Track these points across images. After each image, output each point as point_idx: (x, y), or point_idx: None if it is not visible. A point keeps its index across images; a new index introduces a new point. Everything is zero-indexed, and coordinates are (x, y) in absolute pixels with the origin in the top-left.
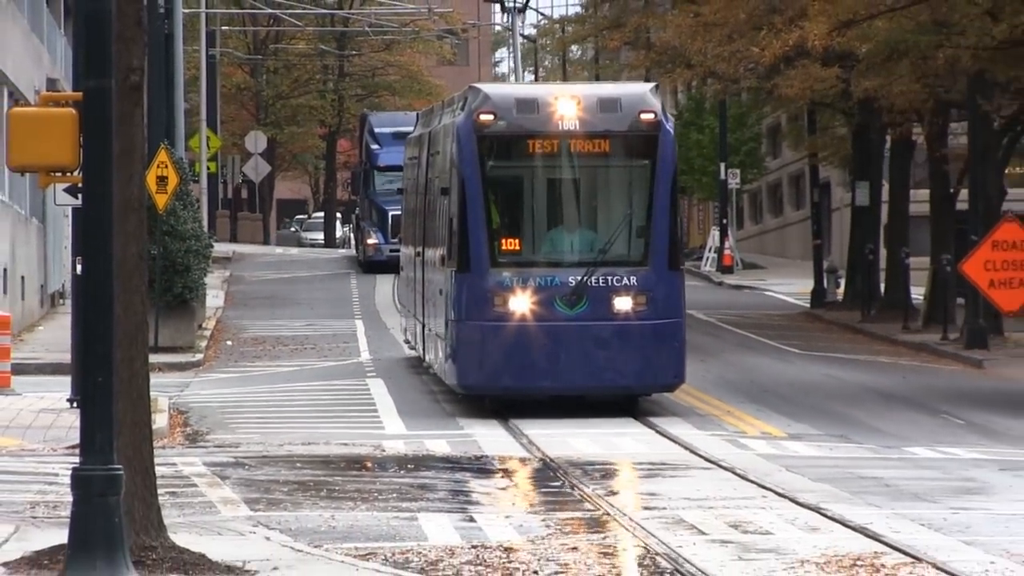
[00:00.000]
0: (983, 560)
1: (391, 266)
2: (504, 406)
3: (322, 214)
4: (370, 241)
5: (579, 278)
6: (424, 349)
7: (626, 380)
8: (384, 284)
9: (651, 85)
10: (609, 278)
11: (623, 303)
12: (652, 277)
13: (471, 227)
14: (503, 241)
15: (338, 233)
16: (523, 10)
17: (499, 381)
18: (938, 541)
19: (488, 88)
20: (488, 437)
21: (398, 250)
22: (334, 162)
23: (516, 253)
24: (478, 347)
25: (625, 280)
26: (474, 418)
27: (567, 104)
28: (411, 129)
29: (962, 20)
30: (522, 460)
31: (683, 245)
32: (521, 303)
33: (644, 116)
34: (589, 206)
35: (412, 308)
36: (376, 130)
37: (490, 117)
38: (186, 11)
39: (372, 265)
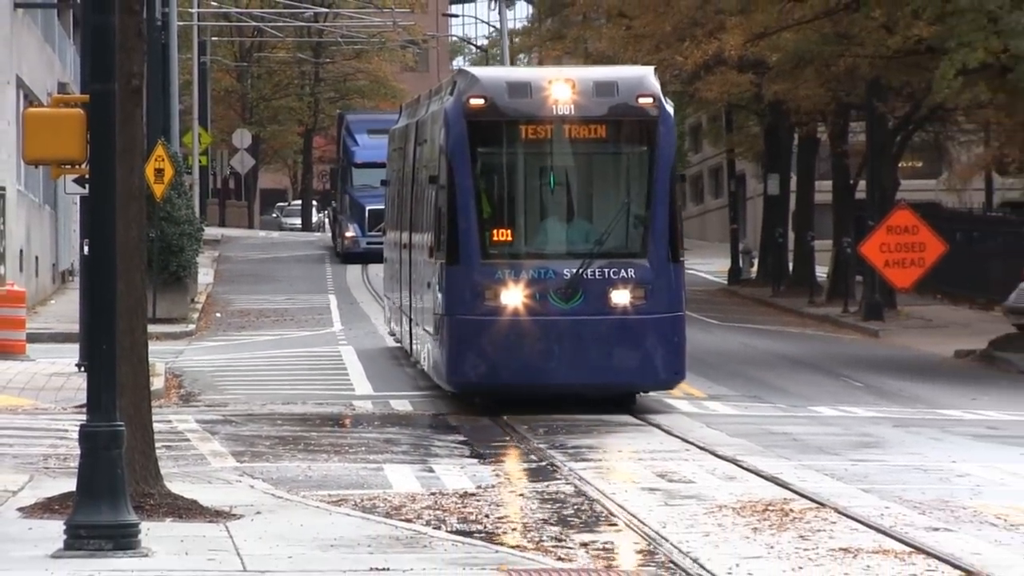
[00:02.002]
0: (879, 505)
1: (368, 257)
2: (495, 405)
3: (300, 202)
4: (348, 234)
5: (574, 270)
6: (411, 345)
7: (624, 377)
8: (354, 266)
9: (650, 68)
10: (606, 270)
11: (620, 296)
12: (651, 269)
13: (461, 217)
14: (494, 232)
15: (314, 219)
16: (511, 1)
17: (490, 379)
18: (840, 489)
19: (479, 72)
20: (445, 399)
21: (375, 243)
22: (310, 156)
23: (508, 244)
24: (468, 343)
25: (622, 272)
26: (432, 382)
27: (561, 88)
28: (386, 128)
29: (861, 32)
30: (475, 418)
31: (682, 235)
32: (513, 297)
33: (642, 100)
34: (585, 195)
35: (398, 303)
36: (353, 128)
37: (480, 102)
38: (181, 23)
39: (349, 257)
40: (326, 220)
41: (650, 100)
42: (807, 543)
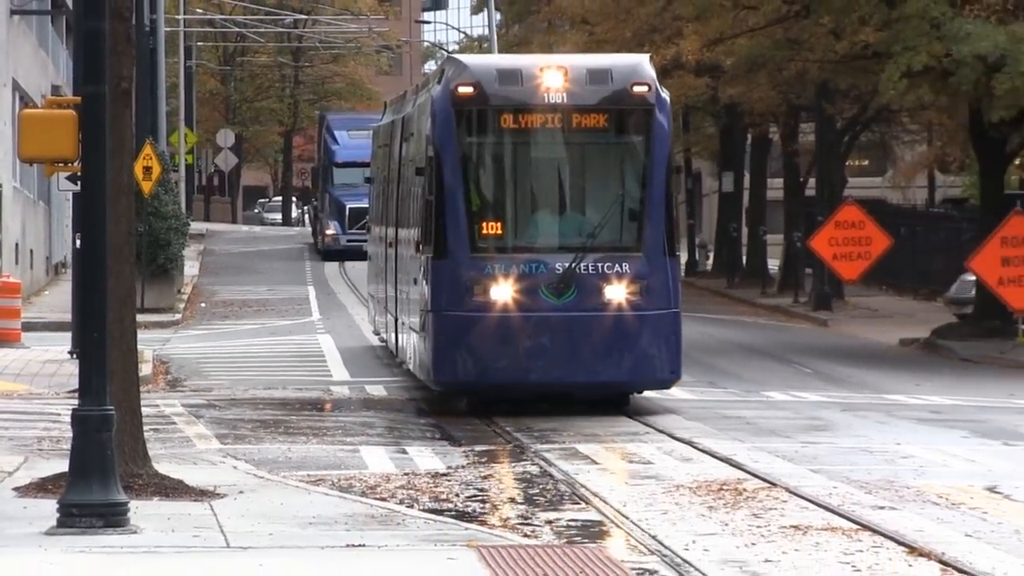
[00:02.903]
0: (827, 485)
1: (348, 255)
2: (484, 405)
3: (280, 198)
4: (329, 232)
5: (567, 265)
6: (396, 343)
7: (618, 376)
8: (332, 260)
9: (645, 56)
10: (599, 265)
11: (615, 292)
12: (646, 264)
13: (449, 209)
14: (484, 225)
15: (293, 214)
16: (481, 8)
17: (479, 377)
18: (790, 469)
19: (468, 59)
20: (420, 386)
21: (354, 240)
22: (290, 155)
23: (498, 237)
24: (456, 340)
25: (617, 267)
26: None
27: (553, 75)
28: (366, 128)
29: (811, 38)
30: (447, 402)
31: (678, 230)
32: (503, 292)
33: (637, 88)
34: (577, 186)
35: (383, 300)
36: (334, 129)
37: (469, 90)
38: (168, 29)
39: (330, 254)
40: (305, 216)
41: (645, 88)
42: (760, 520)
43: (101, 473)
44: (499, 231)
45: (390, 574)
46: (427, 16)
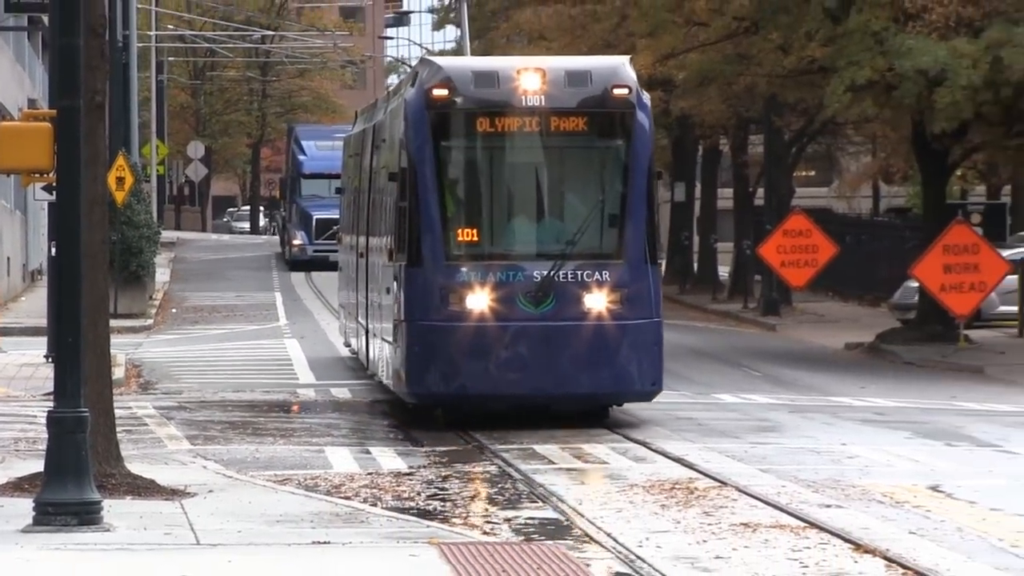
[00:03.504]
0: (776, 484)
1: (315, 264)
2: (460, 418)
3: (248, 208)
4: (296, 242)
5: (545, 273)
6: (367, 355)
7: (598, 387)
8: (299, 270)
9: (625, 58)
10: (579, 273)
11: (595, 301)
12: (627, 272)
13: (423, 216)
14: (459, 231)
15: (261, 223)
16: (441, 25)
17: (454, 389)
18: (740, 469)
19: (442, 60)
20: (383, 388)
21: (321, 250)
22: (258, 166)
23: (474, 244)
24: (431, 350)
25: (597, 275)
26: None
27: (531, 78)
28: (333, 140)
29: (759, 54)
30: (410, 404)
31: (659, 237)
32: (479, 300)
33: (617, 91)
34: (556, 191)
35: (353, 311)
36: (302, 140)
37: (444, 92)
38: (140, 45)
39: (297, 264)
40: (272, 227)
41: (626, 91)
42: (711, 518)
43: (76, 473)
44: (475, 238)
45: (354, 570)
46: (390, 32)
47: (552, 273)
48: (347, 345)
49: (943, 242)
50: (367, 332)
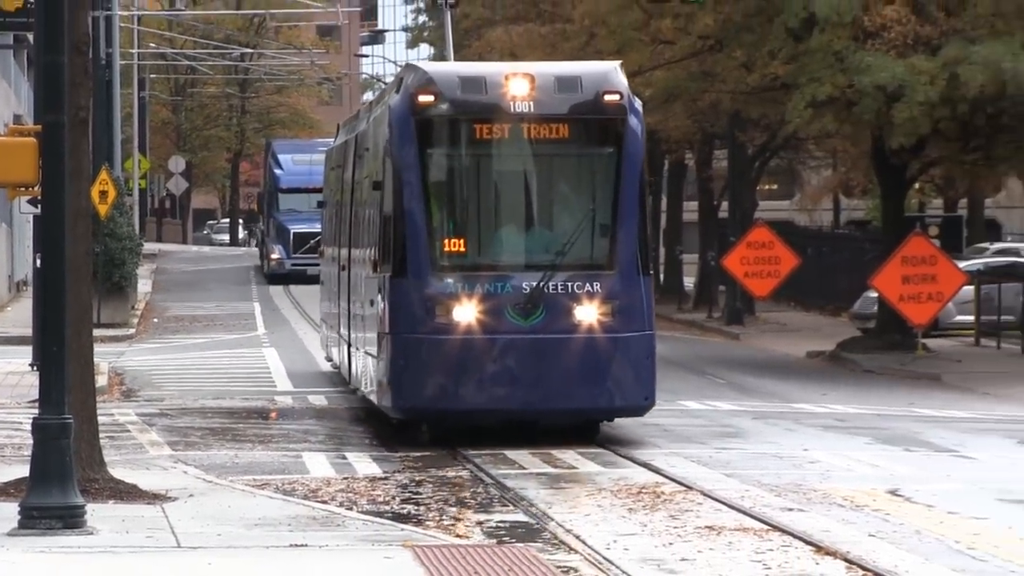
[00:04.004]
0: (739, 488)
1: (292, 278)
2: (446, 434)
3: (228, 220)
4: (274, 256)
5: (534, 284)
6: (350, 369)
7: (589, 402)
8: (277, 283)
9: (616, 63)
10: (569, 284)
11: (585, 313)
12: (619, 283)
13: (409, 225)
14: (446, 241)
15: (240, 235)
16: (455, 6)
17: (441, 404)
18: (705, 474)
19: (428, 66)
20: (356, 395)
21: (299, 264)
22: (237, 180)
23: (461, 255)
24: (416, 364)
25: (588, 286)
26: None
27: (519, 83)
28: (310, 155)
29: (723, 71)
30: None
31: (652, 247)
32: (467, 313)
33: (608, 97)
34: (546, 200)
35: (335, 324)
36: (279, 155)
37: (430, 98)
38: (123, 62)
39: (275, 277)
40: (251, 239)
41: (617, 97)
42: (677, 521)
43: (60, 478)
44: (462, 248)
45: (330, 572)
46: (365, 50)
47: (542, 284)
48: (328, 359)
49: (901, 254)
50: (349, 345)
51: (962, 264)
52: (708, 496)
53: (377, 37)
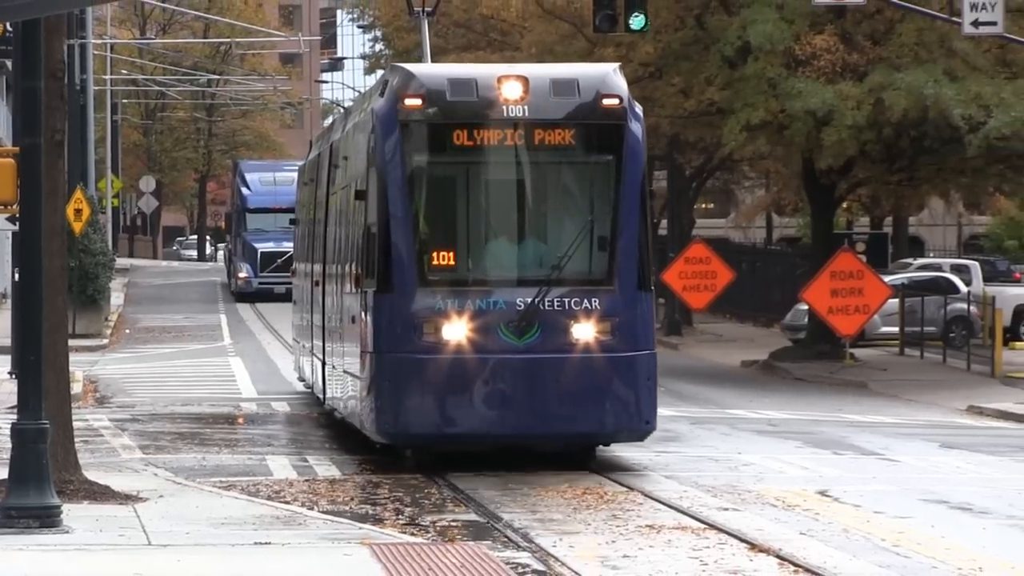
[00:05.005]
0: (678, 489)
1: (260, 296)
2: (433, 460)
3: (196, 237)
4: (241, 275)
5: (529, 300)
6: (324, 389)
7: (586, 426)
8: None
9: (615, 64)
10: (566, 300)
11: (583, 331)
12: (619, 299)
13: (395, 237)
14: (434, 254)
15: (207, 251)
16: (432, 13)
17: (429, 428)
18: (646, 476)
19: (415, 67)
20: (319, 402)
21: (266, 283)
22: (205, 198)
23: (451, 269)
24: (403, 386)
25: (586, 303)
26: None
27: (513, 86)
28: (277, 175)
29: (663, 96)
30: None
31: (653, 261)
32: (457, 331)
33: (607, 101)
34: (540, 211)
35: (309, 343)
36: (247, 175)
37: (417, 101)
38: (96, 88)
39: (243, 296)
40: (218, 252)
41: (616, 101)
42: (618, 521)
43: (37, 480)
44: (452, 261)
45: (293, 569)
46: (325, 76)
47: (537, 301)
48: (301, 379)
49: (830, 269)
50: (323, 364)
51: (887, 278)
52: (648, 497)
53: (336, 64)
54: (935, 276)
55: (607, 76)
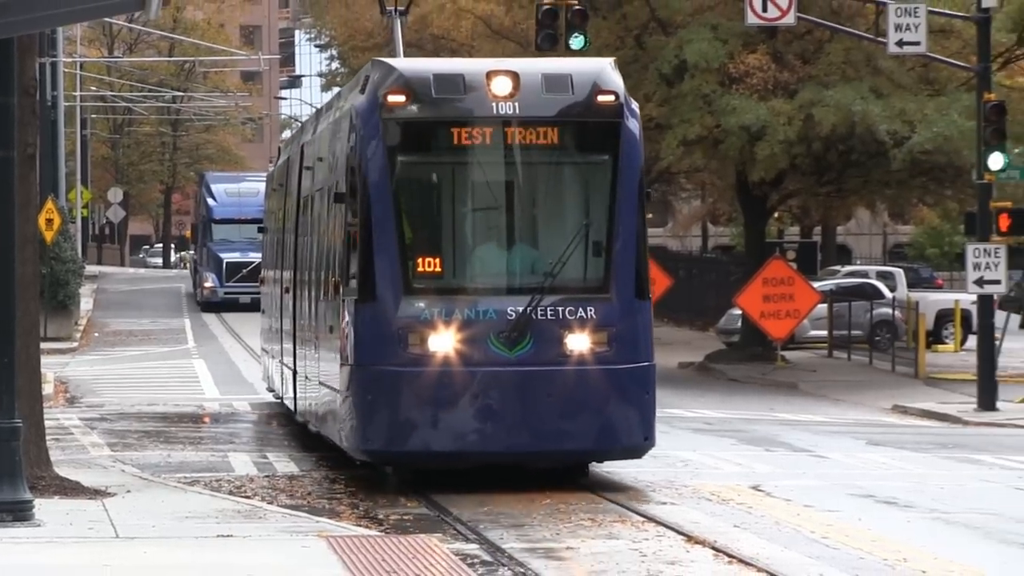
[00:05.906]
0: (619, 484)
1: (225, 306)
2: (417, 478)
3: (161, 245)
4: (207, 285)
5: (520, 309)
6: (296, 402)
7: (581, 443)
8: (210, 311)
9: (609, 60)
10: (560, 310)
11: (578, 342)
12: (616, 308)
13: (377, 242)
14: (420, 261)
15: (172, 258)
16: (405, 12)
17: (413, 445)
18: (589, 472)
19: (398, 62)
20: (276, 401)
21: (232, 293)
22: (170, 209)
23: (437, 276)
24: (386, 400)
25: (580, 312)
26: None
27: (503, 82)
28: (241, 187)
29: None
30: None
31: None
32: (444, 342)
33: (602, 98)
34: (532, 214)
35: (278, 354)
36: (212, 187)
37: (401, 98)
38: (67, 104)
39: (209, 305)
40: (182, 261)
41: (612, 97)
42: (562, 515)
43: (10, 476)
44: (439, 268)
45: (253, 559)
46: (284, 93)
47: (529, 310)
48: (270, 390)
49: (763, 275)
50: (295, 375)
51: (816, 284)
52: (590, 492)
53: (295, 82)
54: (862, 282)
55: (602, 71)
